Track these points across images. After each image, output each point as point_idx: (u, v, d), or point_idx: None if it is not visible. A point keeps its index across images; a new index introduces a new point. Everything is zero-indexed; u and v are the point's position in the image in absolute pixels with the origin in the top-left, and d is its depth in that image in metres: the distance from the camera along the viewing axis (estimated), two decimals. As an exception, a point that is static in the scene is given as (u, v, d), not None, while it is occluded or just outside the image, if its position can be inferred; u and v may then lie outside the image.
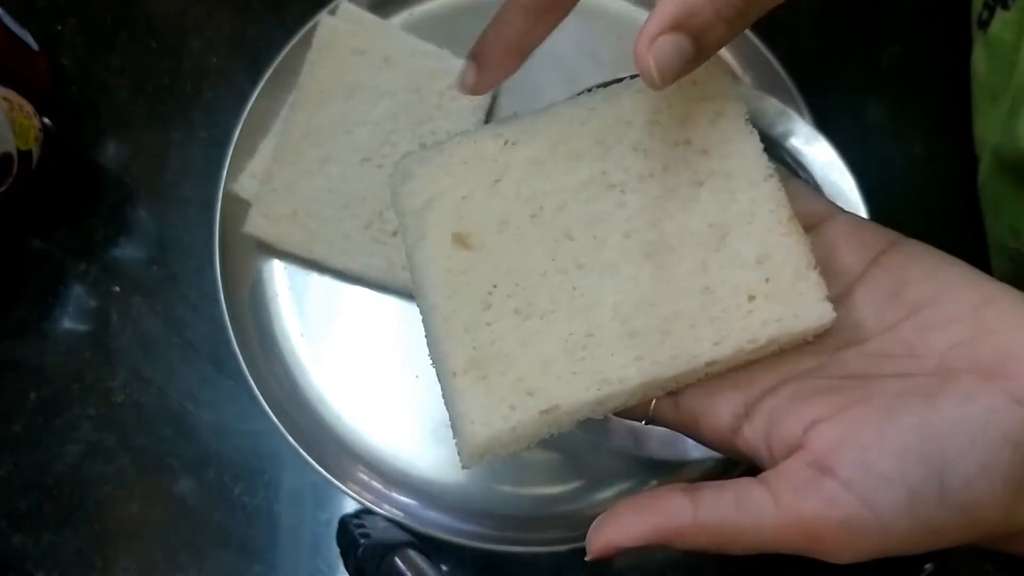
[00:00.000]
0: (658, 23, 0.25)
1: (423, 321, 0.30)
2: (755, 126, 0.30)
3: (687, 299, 0.28)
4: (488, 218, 0.29)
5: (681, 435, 0.44)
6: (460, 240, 0.29)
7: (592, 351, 0.28)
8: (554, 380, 0.28)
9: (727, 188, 0.29)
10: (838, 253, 0.29)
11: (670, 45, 0.25)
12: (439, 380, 0.29)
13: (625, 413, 0.30)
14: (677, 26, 0.25)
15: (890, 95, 0.56)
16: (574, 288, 0.29)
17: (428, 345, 0.30)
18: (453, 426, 0.28)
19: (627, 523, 0.26)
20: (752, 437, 0.27)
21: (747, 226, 0.29)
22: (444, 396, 0.29)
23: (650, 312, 0.28)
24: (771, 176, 0.29)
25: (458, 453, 0.28)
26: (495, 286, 0.29)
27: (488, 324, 0.28)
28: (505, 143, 0.31)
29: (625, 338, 0.28)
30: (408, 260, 0.30)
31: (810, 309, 0.27)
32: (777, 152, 0.47)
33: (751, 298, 0.28)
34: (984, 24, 0.47)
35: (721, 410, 0.28)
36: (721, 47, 0.27)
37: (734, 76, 0.29)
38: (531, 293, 0.29)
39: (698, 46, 0.26)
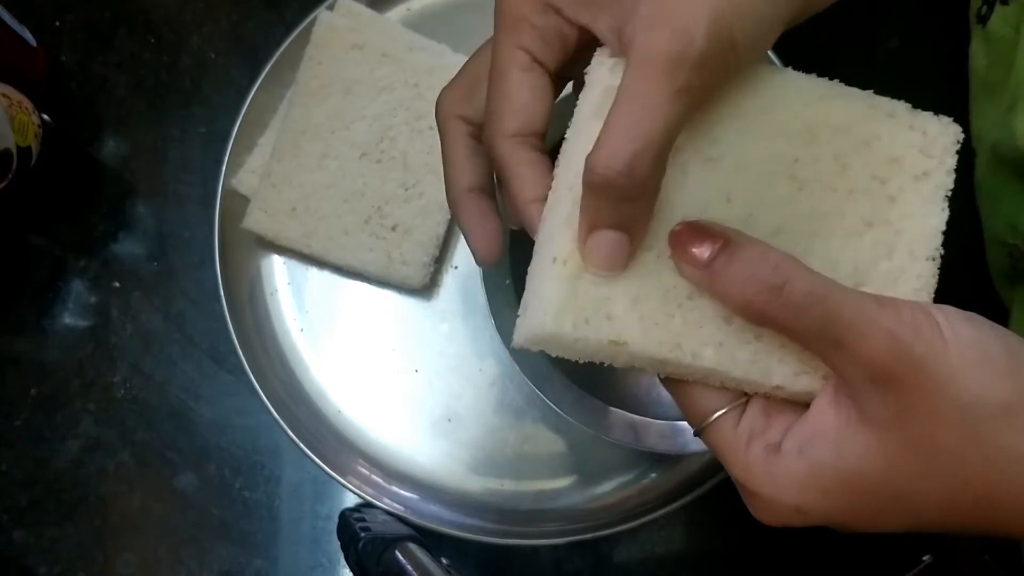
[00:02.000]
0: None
1: (546, 207, 0.29)
2: None
3: None
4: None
5: (681, 428, 0.44)
6: None
7: (685, 314, 0.27)
8: (636, 319, 0.27)
9: (889, 243, 0.29)
10: None
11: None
12: (534, 257, 0.29)
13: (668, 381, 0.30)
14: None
15: (887, 89, 0.56)
16: None
17: (540, 228, 0.29)
18: (525, 303, 0.28)
19: None
20: None
21: (886, 287, 0.29)
22: (530, 274, 0.29)
23: None
24: (934, 259, 0.29)
25: (515, 329, 0.28)
26: None
27: None
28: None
29: (720, 320, 0.28)
30: (571, 132, 0.29)
31: None
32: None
33: None
34: (983, 19, 0.47)
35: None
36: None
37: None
38: (659, 231, 0.28)
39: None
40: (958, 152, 0.29)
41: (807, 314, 0.26)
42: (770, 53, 0.52)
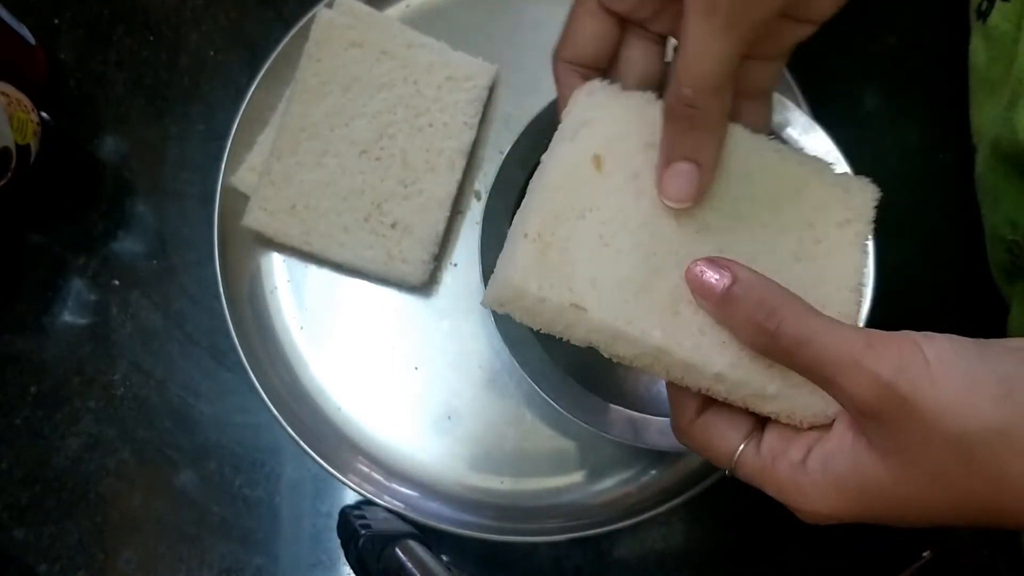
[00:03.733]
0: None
1: (527, 192, 0.34)
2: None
3: None
4: (626, 163, 0.33)
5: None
6: (596, 160, 0.33)
7: (638, 302, 0.31)
8: (595, 295, 0.31)
9: (816, 276, 0.33)
10: None
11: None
12: (507, 240, 0.33)
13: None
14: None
15: (887, 85, 0.56)
16: (654, 253, 0.32)
17: (516, 216, 0.33)
18: (497, 271, 0.32)
19: None
20: None
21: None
22: (504, 251, 0.32)
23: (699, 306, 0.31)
24: (857, 290, 0.33)
25: (485, 291, 0.32)
26: (596, 209, 0.32)
27: (573, 227, 0.32)
28: None
29: (668, 309, 0.31)
30: (549, 150, 0.34)
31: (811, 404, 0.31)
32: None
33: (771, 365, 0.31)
34: (983, 15, 0.47)
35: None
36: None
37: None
38: (620, 234, 0.32)
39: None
40: (876, 207, 0.33)
41: (798, 356, 0.28)
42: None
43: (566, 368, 0.46)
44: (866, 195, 0.34)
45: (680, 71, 0.29)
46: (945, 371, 0.26)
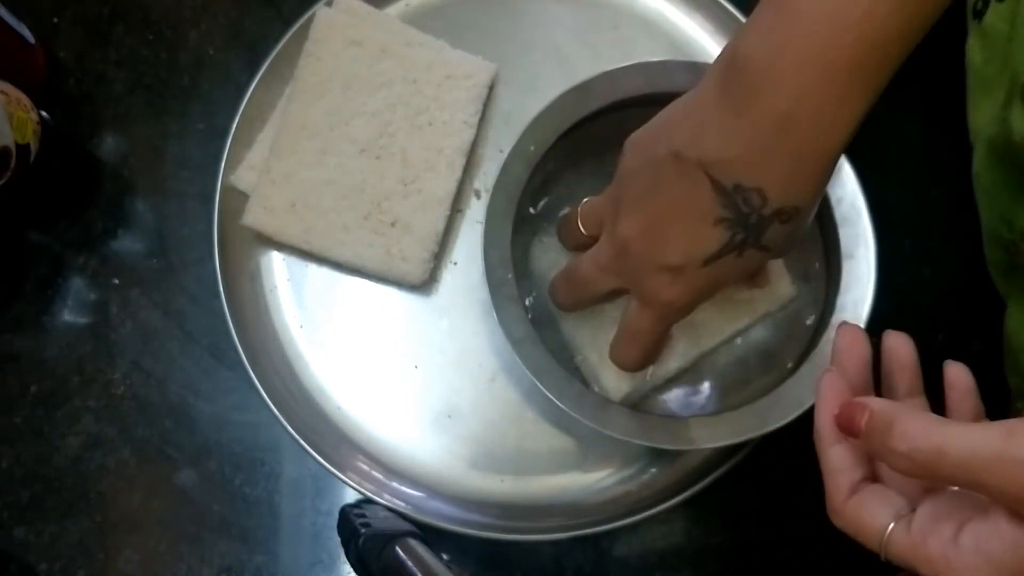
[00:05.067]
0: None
1: None
2: None
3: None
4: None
5: (682, 422, 0.44)
6: None
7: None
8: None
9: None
10: None
11: None
12: None
13: None
14: None
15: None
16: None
17: None
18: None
19: None
20: None
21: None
22: None
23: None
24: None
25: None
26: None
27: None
28: None
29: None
30: None
31: None
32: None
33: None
34: (979, 14, 0.47)
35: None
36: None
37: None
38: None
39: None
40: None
41: (940, 470, 0.28)
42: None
43: (568, 366, 0.46)
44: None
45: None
46: None
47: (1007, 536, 0.28)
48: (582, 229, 0.44)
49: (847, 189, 0.47)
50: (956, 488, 0.31)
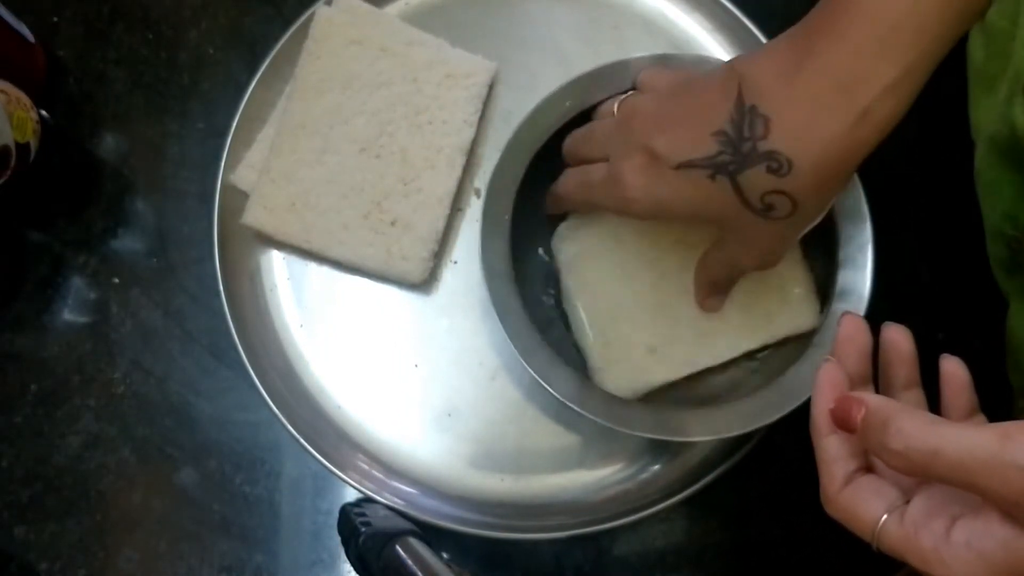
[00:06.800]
0: None
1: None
2: None
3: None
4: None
5: (683, 418, 0.44)
6: None
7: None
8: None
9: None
10: None
11: None
12: None
13: None
14: None
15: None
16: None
17: None
18: None
19: None
20: None
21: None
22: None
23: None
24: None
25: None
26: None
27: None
28: None
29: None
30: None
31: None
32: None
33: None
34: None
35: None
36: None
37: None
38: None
39: None
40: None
41: (935, 470, 0.29)
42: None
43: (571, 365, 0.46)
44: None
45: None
46: None
47: (998, 534, 0.28)
48: (589, 147, 0.45)
49: (846, 188, 0.46)
50: None
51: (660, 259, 0.47)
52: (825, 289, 0.47)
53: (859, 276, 0.45)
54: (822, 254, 0.48)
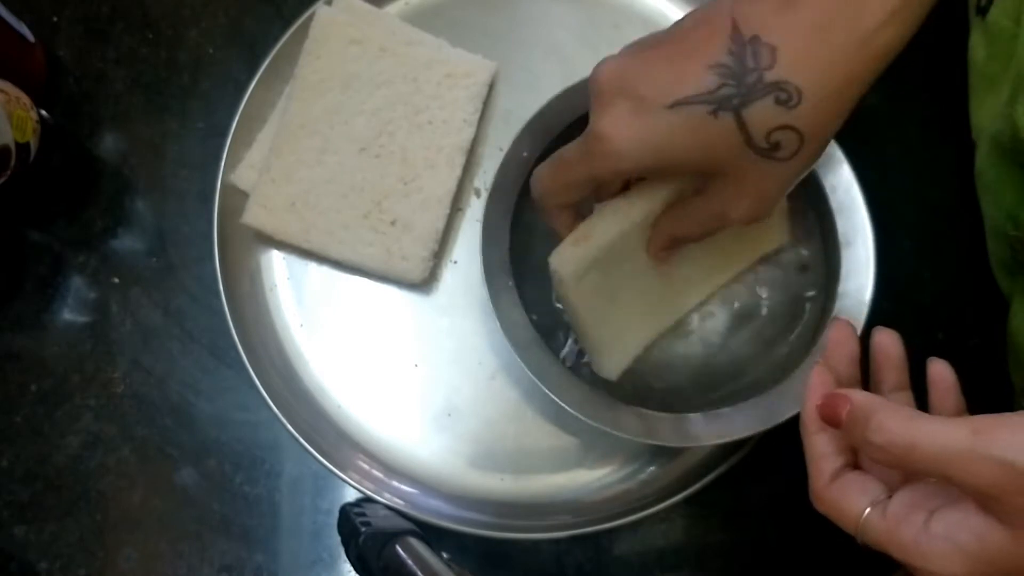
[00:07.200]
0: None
1: None
2: None
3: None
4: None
5: (685, 419, 0.44)
6: None
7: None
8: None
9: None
10: None
11: None
12: None
13: None
14: None
15: (886, 82, 0.55)
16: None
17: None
18: None
19: None
20: None
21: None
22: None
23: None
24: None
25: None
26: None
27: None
28: None
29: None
30: None
31: None
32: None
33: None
34: (983, 10, 0.47)
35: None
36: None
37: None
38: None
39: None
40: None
41: (913, 462, 0.30)
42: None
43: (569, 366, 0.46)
44: None
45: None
46: None
47: (974, 525, 0.29)
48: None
49: (841, 177, 0.46)
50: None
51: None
52: (827, 282, 0.47)
53: (859, 266, 0.45)
54: (821, 247, 0.48)
